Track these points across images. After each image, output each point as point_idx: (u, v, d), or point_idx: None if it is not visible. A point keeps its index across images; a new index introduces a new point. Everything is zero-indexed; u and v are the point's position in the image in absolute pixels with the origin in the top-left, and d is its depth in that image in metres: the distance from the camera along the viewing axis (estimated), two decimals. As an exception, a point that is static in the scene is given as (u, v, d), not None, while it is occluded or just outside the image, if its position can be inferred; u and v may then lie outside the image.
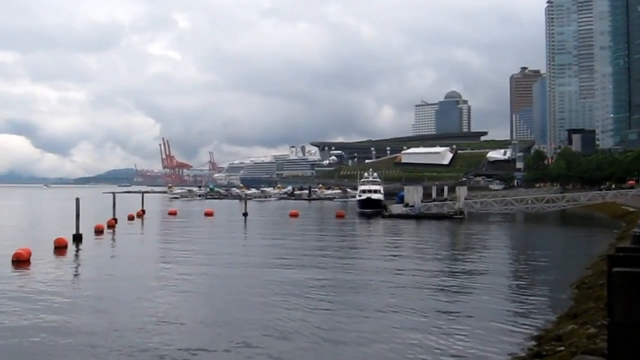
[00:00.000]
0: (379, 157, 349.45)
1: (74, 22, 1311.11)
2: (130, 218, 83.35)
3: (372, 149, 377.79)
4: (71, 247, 46.64)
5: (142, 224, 78.69)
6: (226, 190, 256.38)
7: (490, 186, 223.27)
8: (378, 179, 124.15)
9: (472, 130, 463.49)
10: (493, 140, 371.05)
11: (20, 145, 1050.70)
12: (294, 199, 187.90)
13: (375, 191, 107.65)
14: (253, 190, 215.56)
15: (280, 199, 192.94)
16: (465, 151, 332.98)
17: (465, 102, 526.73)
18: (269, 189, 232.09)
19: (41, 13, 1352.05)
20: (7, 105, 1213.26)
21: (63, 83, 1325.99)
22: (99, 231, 60.19)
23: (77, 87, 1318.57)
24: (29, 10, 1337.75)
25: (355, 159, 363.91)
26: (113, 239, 56.46)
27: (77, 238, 50.38)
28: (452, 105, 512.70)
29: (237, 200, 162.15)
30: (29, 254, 38.34)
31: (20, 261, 36.99)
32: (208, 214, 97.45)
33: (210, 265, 40.20)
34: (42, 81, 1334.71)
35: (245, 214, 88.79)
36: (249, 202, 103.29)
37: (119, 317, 23.49)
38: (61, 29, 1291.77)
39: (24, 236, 55.26)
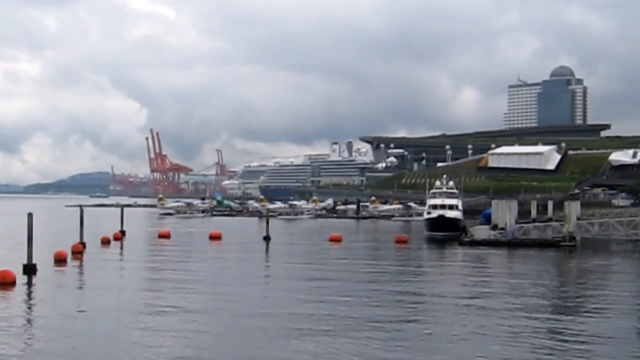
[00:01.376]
0: (456, 159, 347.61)
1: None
2: (105, 242, 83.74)
3: (448, 147, 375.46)
4: (20, 283, 46.95)
5: (121, 250, 79.09)
6: (240, 203, 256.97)
7: (613, 201, 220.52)
8: (455, 190, 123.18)
9: (589, 122, 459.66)
10: (618, 137, 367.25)
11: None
12: (335, 217, 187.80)
13: (451, 207, 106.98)
14: (278, 205, 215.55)
15: (317, 216, 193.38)
16: (579, 152, 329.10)
17: (580, 82, 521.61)
18: (301, 203, 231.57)
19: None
20: None
21: (10, 51, 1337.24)
22: (60, 260, 60.40)
23: (30, 56, 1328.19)
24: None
25: (424, 162, 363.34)
26: (80, 271, 56.67)
27: (29, 270, 50.63)
28: (561, 87, 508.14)
29: (256, 218, 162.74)
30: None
31: None
32: (214, 238, 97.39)
33: (214, 315, 39.79)
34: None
35: (266, 238, 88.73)
36: (273, 221, 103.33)
37: None
38: None
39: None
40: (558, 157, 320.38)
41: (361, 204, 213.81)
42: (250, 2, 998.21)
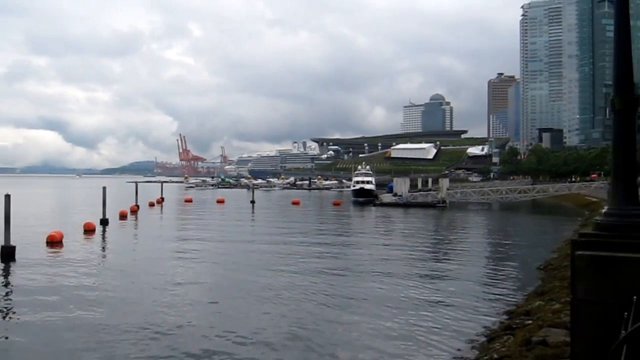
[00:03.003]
0: (371, 152, 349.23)
1: (100, 30, 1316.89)
2: (151, 205, 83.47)
3: (365, 144, 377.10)
4: (99, 230, 46.72)
5: (161, 210, 78.78)
6: (236, 180, 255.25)
7: (469, 178, 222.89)
8: (370, 172, 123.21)
9: (454, 128, 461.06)
10: (472, 138, 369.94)
11: (53, 140, 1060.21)
12: (295, 189, 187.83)
13: (368, 182, 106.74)
14: (260, 181, 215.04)
15: (284, 188, 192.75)
16: (448, 147, 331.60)
17: (448, 103, 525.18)
18: (274, 180, 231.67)
19: (70, 22, 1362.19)
20: (42, 104, 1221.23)
21: (90, 84, 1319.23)
22: (123, 216, 60.15)
23: (103, 88, 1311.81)
24: (59, 20, 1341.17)
25: (350, 154, 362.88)
26: (135, 223, 56.56)
27: (104, 222, 50.43)
28: (436, 107, 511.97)
29: (246, 190, 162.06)
30: (62, 236, 38.41)
31: (54, 242, 37.12)
32: (220, 202, 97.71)
33: (221, 242, 41.66)
34: (71, 83, 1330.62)
35: (252, 202, 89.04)
36: (256, 191, 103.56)
37: (139, 279, 26.19)
38: (88, 37, 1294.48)
39: (57, 220, 55.26)
40: (434, 150, 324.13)
41: (312, 180, 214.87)
42: (242, 54, 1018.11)
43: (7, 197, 31.97)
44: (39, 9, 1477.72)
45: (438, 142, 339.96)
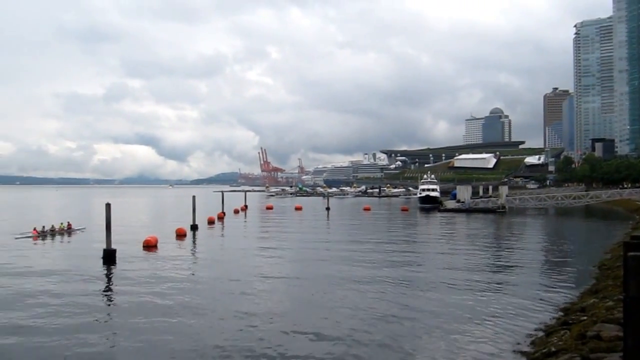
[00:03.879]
0: (435, 162, 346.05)
1: (187, 54, 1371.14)
2: (236, 212, 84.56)
3: (430, 155, 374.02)
4: (189, 235, 47.47)
5: (245, 216, 79.24)
6: (312, 189, 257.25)
7: (527, 186, 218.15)
8: (435, 180, 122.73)
9: (512, 140, 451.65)
10: (529, 148, 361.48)
11: (147, 154, 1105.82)
12: (366, 196, 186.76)
13: (433, 190, 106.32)
14: (334, 189, 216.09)
15: (356, 196, 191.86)
16: (507, 157, 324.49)
17: (506, 117, 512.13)
18: (347, 188, 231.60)
19: (161, 48, 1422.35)
20: (137, 121, 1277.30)
21: (180, 104, 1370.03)
22: (211, 222, 61.13)
23: (191, 107, 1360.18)
24: (151, 45, 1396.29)
25: (417, 164, 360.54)
26: (222, 228, 57.16)
27: (194, 227, 51.24)
28: (495, 119, 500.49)
29: (321, 198, 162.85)
30: (156, 241, 39.09)
31: (150, 246, 37.82)
32: (298, 209, 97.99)
33: (299, 244, 41.66)
34: (163, 102, 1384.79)
35: (327, 209, 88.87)
36: (331, 199, 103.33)
37: (227, 274, 27.56)
38: (177, 60, 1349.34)
39: (152, 226, 56.61)
40: (494, 160, 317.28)
41: (381, 188, 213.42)
42: (316, 74, 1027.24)
43: (108, 206, 32.84)
44: (132, 36, 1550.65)
45: (497, 153, 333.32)
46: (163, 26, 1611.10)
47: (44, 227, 47.77)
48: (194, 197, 54.77)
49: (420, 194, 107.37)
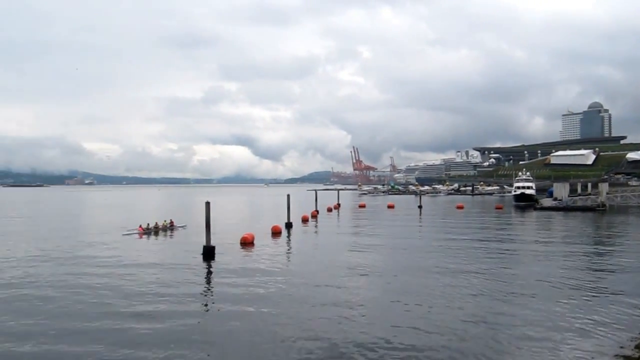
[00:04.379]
0: (531, 159, 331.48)
1: (281, 56, 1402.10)
2: (329, 210, 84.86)
3: (525, 152, 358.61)
4: (284, 232, 48.04)
5: (338, 214, 79.31)
6: (404, 187, 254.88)
7: (629, 183, 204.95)
8: (530, 178, 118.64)
9: (613, 135, 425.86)
10: (631, 144, 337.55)
11: (243, 154, 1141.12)
12: (459, 194, 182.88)
13: (529, 187, 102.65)
14: (426, 187, 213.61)
15: (448, 194, 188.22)
16: (607, 153, 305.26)
17: (606, 111, 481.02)
18: (439, 186, 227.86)
19: (255, 51, 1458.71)
20: (233, 123, 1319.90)
21: (274, 105, 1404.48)
22: (305, 220, 61.67)
23: (285, 107, 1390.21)
24: (246, 49, 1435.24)
25: (511, 161, 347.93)
26: (316, 226, 57.54)
27: (289, 225, 51.88)
28: (594, 114, 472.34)
29: (413, 196, 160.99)
30: (253, 238, 39.84)
31: (246, 243, 38.59)
32: (390, 207, 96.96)
33: (392, 240, 41.25)
34: (258, 104, 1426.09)
35: (420, 207, 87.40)
36: (423, 197, 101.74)
37: (322, 268, 28.28)
38: (271, 63, 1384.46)
39: (249, 224, 57.84)
40: (593, 156, 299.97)
41: (474, 186, 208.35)
42: (407, 71, 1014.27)
43: (207, 204, 33.78)
44: (228, 41, 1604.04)
45: (597, 148, 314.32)
46: (257, 30, 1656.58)
47: (148, 224, 50.05)
48: (288, 195, 55.40)
49: (515, 191, 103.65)
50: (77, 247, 38.33)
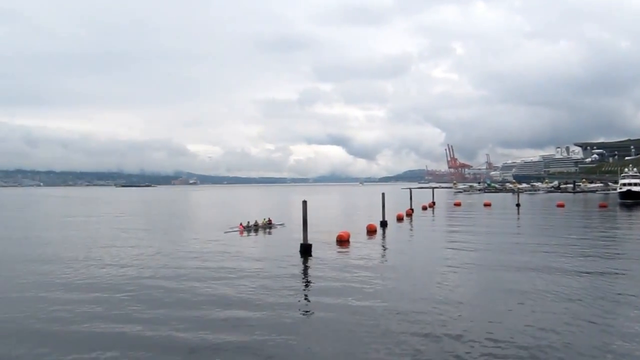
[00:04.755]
0: (637, 154, 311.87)
1: (374, 56, 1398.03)
2: (424, 208, 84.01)
3: (632, 147, 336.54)
4: (379, 231, 48.12)
5: (433, 212, 78.28)
6: (501, 185, 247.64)
7: None
8: (638, 174, 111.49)
9: None
10: None
11: (338, 153, 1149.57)
12: (559, 192, 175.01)
13: (636, 184, 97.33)
14: (524, 185, 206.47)
15: (548, 192, 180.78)
16: None
17: None
18: (538, 184, 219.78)
19: (349, 51, 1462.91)
20: (328, 123, 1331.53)
21: (368, 104, 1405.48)
22: (400, 218, 61.40)
23: (379, 106, 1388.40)
24: (340, 50, 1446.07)
25: (616, 157, 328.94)
26: (411, 224, 57.19)
27: (384, 224, 51.87)
28: None
29: (511, 194, 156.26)
30: (348, 236, 40.20)
31: (342, 241, 39.00)
32: (486, 205, 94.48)
33: (488, 238, 40.21)
34: (352, 103, 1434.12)
35: (518, 205, 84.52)
36: (521, 195, 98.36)
37: (418, 266, 28.40)
38: (364, 62, 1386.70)
39: (344, 222, 58.32)
40: None
41: (576, 183, 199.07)
42: (503, 66, 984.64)
43: (304, 203, 34.52)
44: (322, 43, 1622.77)
45: None
46: (350, 31, 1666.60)
47: (248, 222, 51.75)
48: (383, 194, 55.46)
49: (620, 188, 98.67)
50: (185, 243, 40.53)
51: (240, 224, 50.80)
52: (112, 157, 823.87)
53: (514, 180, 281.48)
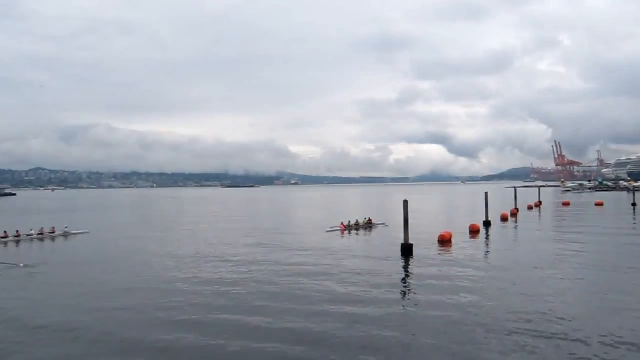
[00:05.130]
0: None
1: (474, 51, 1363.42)
2: (530, 208, 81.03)
3: None
4: (482, 231, 47.10)
5: (540, 212, 75.28)
6: (614, 183, 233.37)
7: None
8: None
9: None
10: None
11: (438, 152, 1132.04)
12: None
13: None
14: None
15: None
16: None
17: None
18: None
19: (448, 48, 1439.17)
20: (428, 121, 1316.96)
21: (469, 101, 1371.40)
22: (504, 218, 59.61)
23: (481, 103, 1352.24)
24: (439, 47, 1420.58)
25: None
26: (516, 225, 55.32)
27: (487, 224, 50.64)
28: None
29: (625, 192, 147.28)
30: (450, 236, 39.64)
31: (444, 241, 38.51)
32: (598, 204, 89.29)
33: (601, 238, 38.71)
34: (453, 101, 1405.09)
35: (634, 204, 79.47)
36: (637, 194, 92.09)
37: (523, 269, 27.10)
38: (465, 59, 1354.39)
39: (446, 222, 57.42)
40: None
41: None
42: (615, 57, 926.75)
43: (405, 203, 34.36)
44: (421, 40, 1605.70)
45: None
46: (449, 27, 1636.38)
47: (349, 221, 52.17)
48: (486, 193, 54.05)
49: None
50: (289, 241, 41.86)
51: (342, 224, 51.36)
52: (218, 159, 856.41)
53: (628, 178, 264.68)
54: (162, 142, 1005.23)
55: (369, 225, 52.81)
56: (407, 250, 32.81)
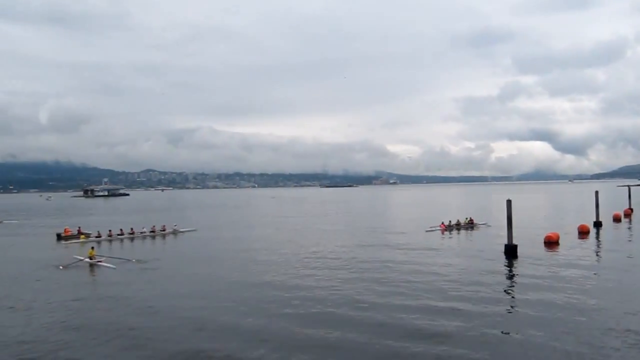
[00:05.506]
0: None
1: (581, 43, 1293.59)
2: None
3: None
4: (592, 232, 44.89)
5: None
6: None
7: None
8: None
9: None
10: None
11: (542, 149, 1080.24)
12: None
13: None
14: None
15: None
16: None
17: None
18: None
19: (553, 40, 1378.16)
20: (531, 117, 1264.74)
21: (576, 95, 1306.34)
22: (616, 219, 56.27)
23: (589, 97, 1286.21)
24: (542, 40, 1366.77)
25: None
26: (630, 226, 52.06)
27: (598, 224, 48.16)
28: None
29: None
30: (558, 237, 38.17)
31: (551, 243, 37.07)
32: None
33: None
34: (558, 96, 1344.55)
35: None
36: None
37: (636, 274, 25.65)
38: (570, 51, 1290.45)
39: (552, 223, 55.13)
40: None
41: None
42: None
43: (509, 202, 33.35)
44: (523, 34, 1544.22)
45: None
46: (552, 18, 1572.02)
47: (450, 221, 51.37)
48: (596, 192, 51.35)
49: None
50: (391, 240, 42.38)
51: (442, 223, 50.74)
52: (317, 159, 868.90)
53: None
54: (263, 144, 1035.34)
55: (470, 225, 51.75)
56: (511, 251, 31.92)
